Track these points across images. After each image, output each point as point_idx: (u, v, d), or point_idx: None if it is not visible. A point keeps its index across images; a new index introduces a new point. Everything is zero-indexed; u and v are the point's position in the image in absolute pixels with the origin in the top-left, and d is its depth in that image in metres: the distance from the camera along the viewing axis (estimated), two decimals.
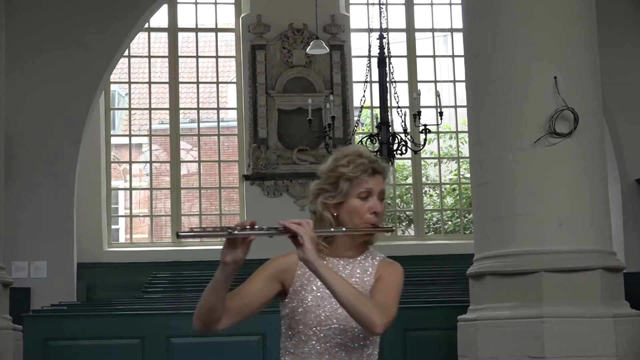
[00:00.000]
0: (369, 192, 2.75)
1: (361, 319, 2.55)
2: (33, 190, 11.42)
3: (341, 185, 2.74)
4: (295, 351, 2.71)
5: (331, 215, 2.75)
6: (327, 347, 2.67)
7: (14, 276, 8.53)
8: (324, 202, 2.76)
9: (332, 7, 14.00)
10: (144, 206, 17.03)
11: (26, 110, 11.35)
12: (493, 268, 6.38)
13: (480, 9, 6.68)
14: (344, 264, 2.76)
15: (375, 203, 2.74)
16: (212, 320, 2.69)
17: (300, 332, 2.71)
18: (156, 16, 13.23)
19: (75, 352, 7.07)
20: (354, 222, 2.73)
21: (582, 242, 6.24)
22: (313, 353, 2.68)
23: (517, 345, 6.15)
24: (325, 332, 2.67)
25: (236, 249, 2.56)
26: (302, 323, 2.69)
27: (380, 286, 2.69)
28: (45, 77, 11.57)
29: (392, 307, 2.62)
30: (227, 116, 15.59)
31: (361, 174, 2.74)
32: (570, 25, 6.44)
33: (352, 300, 2.53)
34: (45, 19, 11.61)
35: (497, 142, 6.44)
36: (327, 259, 2.75)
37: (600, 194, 6.44)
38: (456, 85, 14.70)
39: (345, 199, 2.74)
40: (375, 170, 2.76)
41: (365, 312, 2.54)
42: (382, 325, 2.55)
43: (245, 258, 2.58)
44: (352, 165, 2.74)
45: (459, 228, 15.31)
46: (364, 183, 2.74)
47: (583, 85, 6.41)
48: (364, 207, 2.74)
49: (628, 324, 6.25)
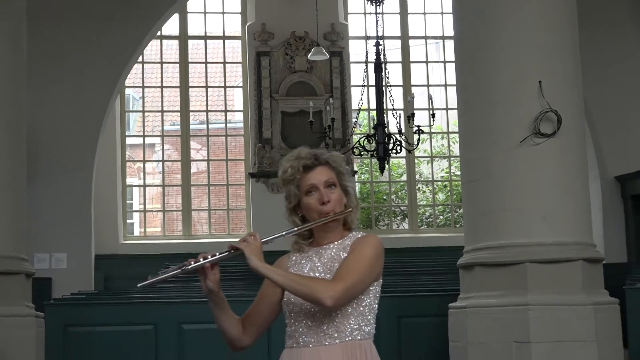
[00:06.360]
0: (313, 187, 2.76)
1: (308, 299, 2.61)
2: (54, 187, 11.42)
3: (288, 189, 2.79)
4: (292, 331, 2.75)
5: (298, 217, 2.80)
6: (316, 322, 2.69)
7: (36, 267, 8.52)
8: (286, 208, 2.82)
9: (332, 16, 14.00)
10: (156, 202, 17.02)
11: (48, 113, 11.36)
12: (482, 259, 6.38)
13: (470, 18, 6.68)
14: (322, 251, 2.78)
15: (321, 194, 2.75)
16: (232, 340, 2.81)
17: (291, 313, 2.74)
18: (168, 25, 13.22)
19: (93, 337, 7.08)
20: (312, 216, 2.77)
21: (565, 235, 6.24)
22: (305, 329, 2.71)
23: (504, 331, 6.16)
24: (307, 308, 2.69)
25: (205, 279, 2.66)
26: (292, 304, 2.73)
27: (345, 260, 2.70)
28: (66, 81, 11.58)
29: (348, 276, 2.62)
30: (234, 118, 15.58)
31: (297, 174, 2.76)
32: (554, 34, 6.44)
33: (295, 286, 2.60)
34: (67, 29, 11.62)
35: (485, 142, 6.44)
36: (309, 250, 2.80)
37: (581, 190, 6.44)
38: (447, 89, 14.70)
39: (298, 200, 2.78)
40: (308, 166, 2.77)
41: (308, 292, 2.58)
42: (330, 297, 2.56)
43: (218, 285, 2.67)
44: (290, 170, 2.77)
45: (450, 222, 15.30)
46: (304, 180, 2.76)
47: (566, 89, 6.41)
48: (313, 201, 2.75)
49: (607, 311, 6.25)
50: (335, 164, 2.81)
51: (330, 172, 2.78)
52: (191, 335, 7.07)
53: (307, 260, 2.79)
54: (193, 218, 14.25)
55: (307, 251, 2.81)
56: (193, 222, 14.23)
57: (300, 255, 2.82)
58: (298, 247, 2.82)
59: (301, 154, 2.79)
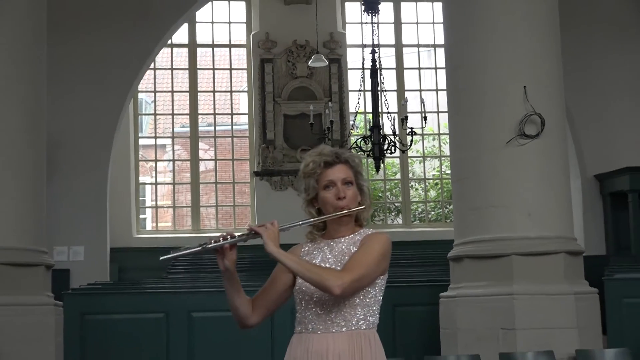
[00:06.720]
0: (331, 182, 2.75)
1: (319, 286, 2.60)
2: (72, 185, 11.42)
3: (307, 183, 2.78)
4: (301, 317, 2.75)
5: (314, 209, 2.79)
6: (325, 310, 2.69)
7: (55, 259, 8.52)
8: (304, 200, 2.82)
9: (331, 26, 14.00)
10: (167, 199, 17.00)
11: (66, 115, 11.35)
12: (470, 252, 6.37)
13: (459, 27, 6.67)
14: (334, 244, 2.78)
15: (338, 190, 2.74)
16: (241, 318, 2.79)
17: (302, 300, 2.74)
18: (178, 34, 13.21)
19: (109, 325, 7.07)
20: (328, 210, 2.76)
21: (548, 230, 6.24)
22: (314, 316, 2.71)
23: (491, 318, 6.15)
24: (318, 297, 2.69)
25: (223, 259, 2.64)
26: (303, 292, 2.73)
27: (354, 254, 2.70)
28: (84, 87, 11.57)
29: (356, 269, 2.62)
30: (240, 120, 15.56)
31: (318, 169, 2.75)
32: (538, 41, 6.44)
33: (307, 273, 2.59)
34: (84, 38, 11.62)
35: (474, 143, 6.44)
36: (322, 242, 2.80)
37: (563, 187, 6.44)
38: (438, 93, 14.70)
39: (316, 193, 2.77)
40: (328, 163, 2.76)
41: (318, 280, 2.58)
42: (338, 286, 2.56)
43: (234, 265, 2.66)
44: (311, 164, 2.77)
45: (440, 217, 15.30)
46: (323, 176, 2.75)
47: (549, 93, 6.41)
48: (330, 196, 2.75)
49: (587, 300, 6.25)
50: (354, 164, 2.80)
51: (348, 171, 2.78)
52: (200, 322, 7.07)
53: (318, 251, 2.78)
54: (201, 213, 14.25)
55: (320, 242, 2.80)
56: (201, 217, 14.24)
57: (312, 245, 2.81)
58: (312, 237, 2.81)
59: (324, 151, 2.79)
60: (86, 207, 11.49)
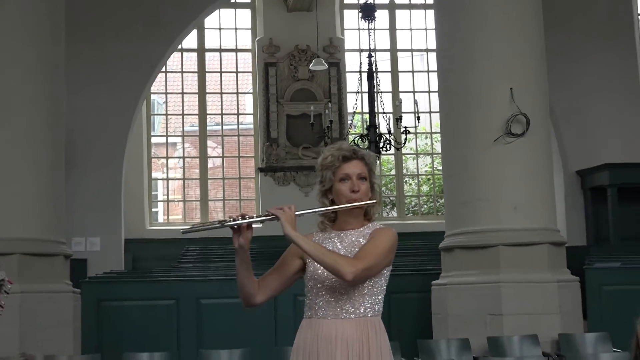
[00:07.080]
0: (347, 176, 2.74)
1: (332, 271, 2.58)
2: (89, 180, 11.42)
3: (324, 174, 2.76)
4: (311, 303, 2.73)
5: (328, 200, 2.76)
6: (335, 298, 2.67)
7: (73, 249, 8.53)
8: (319, 191, 2.79)
9: (330, 31, 13.98)
10: (178, 193, 16.99)
11: (85, 115, 11.35)
12: (460, 243, 6.38)
13: (451, 33, 6.67)
14: (344, 235, 2.76)
15: (353, 183, 2.73)
16: (247, 296, 2.75)
17: (313, 287, 2.72)
18: (187, 39, 13.20)
19: (123, 311, 7.08)
20: (342, 201, 2.74)
21: (533, 222, 6.24)
22: (324, 303, 2.69)
23: (480, 305, 6.16)
24: (329, 284, 2.67)
25: (239, 237, 2.61)
26: (314, 279, 2.71)
27: (365, 245, 2.69)
28: (100, 88, 11.56)
29: (367, 258, 2.61)
30: (245, 120, 15.54)
31: (336, 162, 2.73)
32: (523, 45, 6.43)
33: (322, 257, 2.57)
34: (100, 42, 11.62)
35: (464, 141, 6.44)
36: (332, 232, 2.78)
37: (547, 182, 6.44)
38: (431, 95, 14.67)
39: (332, 184, 2.75)
40: (346, 158, 2.74)
41: (332, 264, 2.56)
42: (351, 273, 2.54)
43: (248, 243, 2.63)
44: (330, 157, 2.75)
45: (433, 210, 15.30)
46: (340, 169, 2.73)
47: (533, 95, 6.41)
48: (345, 188, 2.73)
49: (569, 288, 6.26)
50: (369, 162, 2.79)
51: (363, 167, 2.77)
52: (208, 308, 7.07)
53: (329, 241, 2.76)
54: (210, 207, 14.24)
55: (330, 233, 2.78)
56: (210, 211, 14.23)
57: (323, 235, 2.79)
58: (323, 226, 2.79)
59: (342, 146, 2.78)
60: (102, 201, 11.49)
